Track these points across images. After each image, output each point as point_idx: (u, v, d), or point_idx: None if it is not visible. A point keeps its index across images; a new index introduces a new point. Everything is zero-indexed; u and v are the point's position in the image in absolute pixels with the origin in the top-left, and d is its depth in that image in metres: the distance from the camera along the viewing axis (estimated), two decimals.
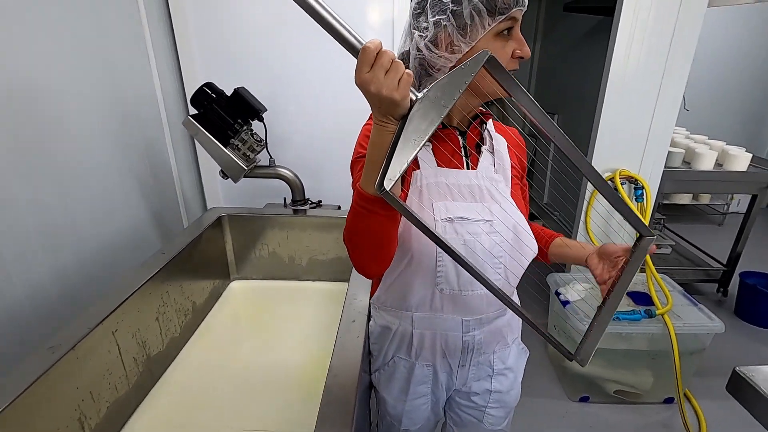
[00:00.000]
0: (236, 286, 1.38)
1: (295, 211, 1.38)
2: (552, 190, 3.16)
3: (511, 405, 0.91)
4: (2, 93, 0.88)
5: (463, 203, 0.71)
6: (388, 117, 0.50)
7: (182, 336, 1.10)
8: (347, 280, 1.38)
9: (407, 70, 0.48)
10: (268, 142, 1.35)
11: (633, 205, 1.78)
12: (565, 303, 1.63)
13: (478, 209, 0.71)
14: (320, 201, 1.45)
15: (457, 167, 0.73)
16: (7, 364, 0.89)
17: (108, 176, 1.22)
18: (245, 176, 1.32)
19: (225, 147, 1.27)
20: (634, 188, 1.78)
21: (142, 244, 1.36)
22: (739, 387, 0.71)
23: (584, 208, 1.87)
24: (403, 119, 0.50)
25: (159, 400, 0.94)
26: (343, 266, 1.38)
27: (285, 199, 1.46)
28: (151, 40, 1.41)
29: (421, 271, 0.72)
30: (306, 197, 1.42)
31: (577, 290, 1.68)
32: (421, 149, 0.49)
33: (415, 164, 0.72)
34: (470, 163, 0.75)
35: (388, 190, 0.47)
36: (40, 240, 0.97)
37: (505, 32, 0.63)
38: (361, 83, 0.47)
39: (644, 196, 1.77)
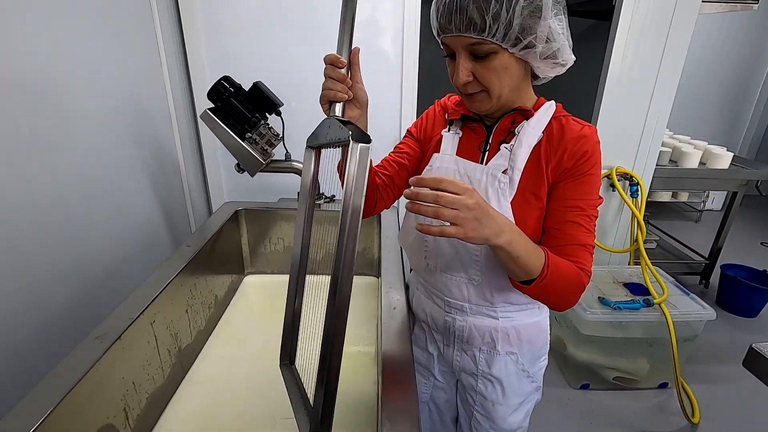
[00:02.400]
0: (251, 281, 1.38)
1: None
2: None
3: (499, 425, 0.86)
4: (27, 89, 0.87)
5: None
6: None
7: (207, 329, 1.10)
8: (363, 274, 1.41)
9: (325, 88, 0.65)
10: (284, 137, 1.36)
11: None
12: None
13: None
14: (333, 196, 1.47)
15: (474, 159, 0.76)
16: (37, 349, 0.88)
17: (123, 170, 1.20)
18: (260, 171, 1.33)
19: (242, 141, 1.27)
20: (630, 184, 1.86)
21: (152, 237, 1.35)
22: (755, 361, 0.77)
23: None
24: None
25: (190, 391, 0.94)
26: (358, 260, 1.40)
27: (299, 193, 1.47)
28: (161, 36, 1.40)
29: (417, 242, 0.81)
30: (321, 192, 1.43)
31: None
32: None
33: (437, 147, 0.81)
34: (487, 158, 0.76)
35: None
36: (63, 233, 0.95)
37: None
38: None
39: (639, 192, 1.85)
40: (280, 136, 1.34)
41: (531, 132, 0.71)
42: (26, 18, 0.86)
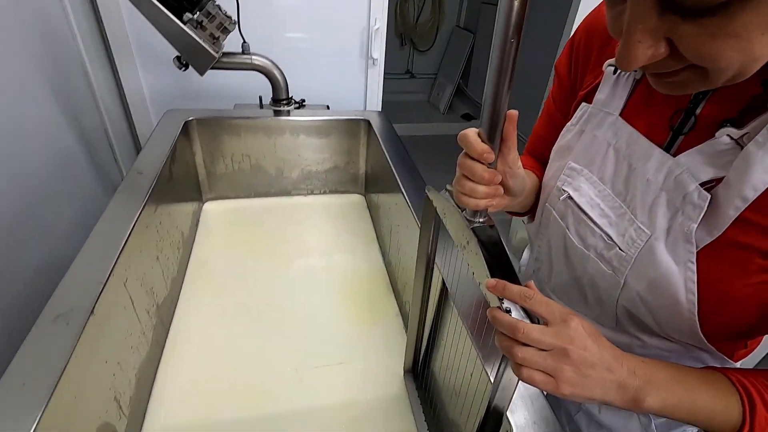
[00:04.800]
0: (212, 208, 1.14)
1: (277, 113, 1.13)
2: None
3: None
4: None
5: (606, 191, 0.46)
6: None
7: (179, 274, 0.88)
8: (346, 192, 1.24)
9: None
10: (240, 20, 1.03)
11: None
12: None
13: (612, 213, 0.46)
14: (303, 100, 1.21)
15: (655, 139, 0.42)
16: None
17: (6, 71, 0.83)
18: (212, 67, 1.01)
19: (183, 24, 0.93)
20: None
21: (66, 160, 1.02)
22: None
23: None
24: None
25: (178, 352, 0.76)
26: (340, 176, 1.21)
27: (261, 98, 1.18)
28: None
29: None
30: (290, 96, 1.16)
31: None
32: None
33: (590, 94, 0.50)
34: (680, 145, 0.41)
35: None
36: None
37: None
38: None
39: None
40: (234, 19, 1.01)
41: None
42: None
